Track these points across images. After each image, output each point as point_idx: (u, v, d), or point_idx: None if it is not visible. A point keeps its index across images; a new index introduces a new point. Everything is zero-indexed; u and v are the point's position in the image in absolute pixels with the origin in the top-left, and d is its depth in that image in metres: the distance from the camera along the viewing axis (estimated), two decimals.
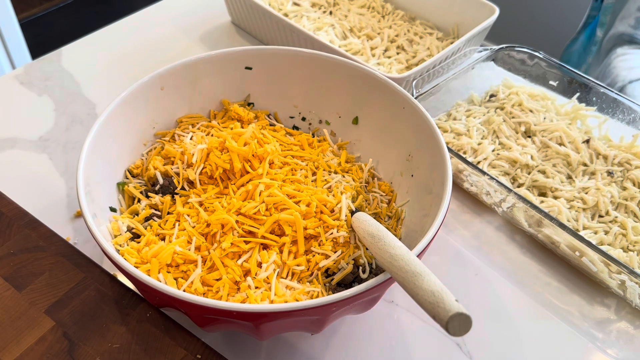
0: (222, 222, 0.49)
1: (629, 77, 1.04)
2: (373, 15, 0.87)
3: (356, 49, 0.80)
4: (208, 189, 0.54)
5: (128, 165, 0.57)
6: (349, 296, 0.41)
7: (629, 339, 0.56)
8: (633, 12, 1.11)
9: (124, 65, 0.82)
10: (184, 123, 0.61)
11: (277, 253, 0.49)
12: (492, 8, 0.80)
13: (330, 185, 0.55)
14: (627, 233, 0.60)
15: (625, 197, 0.64)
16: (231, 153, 0.54)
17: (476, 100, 0.75)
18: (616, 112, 0.71)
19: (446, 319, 0.35)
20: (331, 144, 0.62)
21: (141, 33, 0.88)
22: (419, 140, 0.56)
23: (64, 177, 0.66)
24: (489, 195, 0.63)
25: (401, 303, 0.57)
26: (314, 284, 0.48)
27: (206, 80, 0.61)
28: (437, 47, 0.81)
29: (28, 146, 0.69)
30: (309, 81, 0.62)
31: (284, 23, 0.77)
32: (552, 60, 0.75)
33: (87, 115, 0.74)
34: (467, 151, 0.67)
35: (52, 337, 0.51)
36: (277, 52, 0.61)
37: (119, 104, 0.54)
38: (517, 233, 0.64)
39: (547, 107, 0.72)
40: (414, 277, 0.39)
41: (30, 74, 0.79)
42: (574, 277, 0.60)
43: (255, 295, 0.45)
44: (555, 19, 1.74)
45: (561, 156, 0.67)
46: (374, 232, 0.46)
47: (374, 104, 0.60)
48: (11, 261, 0.57)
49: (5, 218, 0.61)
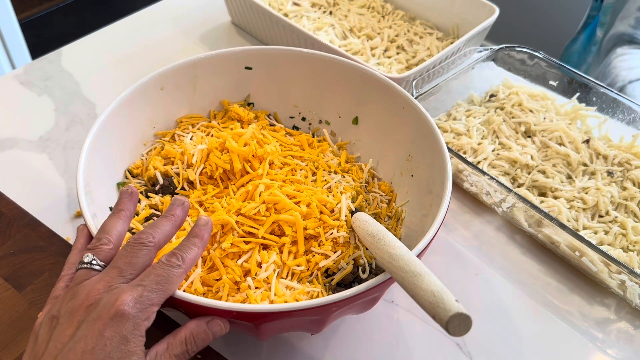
0: (222, 222, 0.49)
1: (629, 77, 1.04)
2: (373, 15, 0.87)
3: (356, 49, 0.80)
4: (208, 189, 0.54)
5: (128, 165, 0.57)
6: (349, 296, 0.41)
7: (629, 339, 0.56)
8: (633, 12, 1.11)
9: (124, 65, 0.82)
10: (184, 123, 0.61)
11: (277, 253, 0.49)
12: (492, 8, 0.80)
13: (330, 185, 0.55)
14: (627, 233, 0.60)
15: (625, 197, 0.64)
16: (231, 153, 0.54)
17: (476, 100, 0.75)
18: (616, 112, 0.71)
19: (446, 319, 0.35)
20: (331, 144, 0.62)
21: (141, 33, 0.88)
22: (419, 140, 0.56)
23: (64, 177, 0.66)
24: (489, 195, 0.63)
25: (401, 303, 0.57)
26: (314, 284, 0.48)
27: (206, 80, 0.61)
28: (437, 47, 0.81)
29: (28, 146, 0.69)
30: (309, 81, 0.62)
31: (284, 23, 0.77)
32: (552, 60, 0.75)
33: (87, 115, 0.74)
34: (467, 151, 0.67)
35: None
36: (277, 52, 0.61)
37: (119, 104, 0.54)
38: (517, 233, 0.64)
39: (547, 107, 0.72)
40: (414, 277, 0.39)
41: (30, 74, 0.79)
42: (574, 277, 0.60)
43: (255, 295, 0.45)
44: (555, 19, 1.74)
45: (561, 156, 0.67)
46: (374, 232, 0.46)
47: (374, 104, 0.60)
48: (11, 261, 0.57)
49: (5, 218, 0.61)
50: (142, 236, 0.41)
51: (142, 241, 0.41)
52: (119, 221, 0.43)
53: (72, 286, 0.40)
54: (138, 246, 0.40)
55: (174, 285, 0.40)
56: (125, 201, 0.45)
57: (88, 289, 0.38)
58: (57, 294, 0.41)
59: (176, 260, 0.40)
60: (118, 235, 0.43)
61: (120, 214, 0.44)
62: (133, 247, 0.40)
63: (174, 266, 0.40)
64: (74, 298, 0.38)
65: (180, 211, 0.44)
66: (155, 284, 0.38)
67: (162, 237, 0.42)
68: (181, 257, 0.41)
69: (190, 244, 0.42)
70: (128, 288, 0.38)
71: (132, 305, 0.37)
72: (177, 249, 0.41)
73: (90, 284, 0.39)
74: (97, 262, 0.41)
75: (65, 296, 0.39)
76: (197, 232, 0.43)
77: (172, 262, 0.40)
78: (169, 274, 0.39)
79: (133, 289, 0.38)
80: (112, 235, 0.42)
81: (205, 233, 0.43)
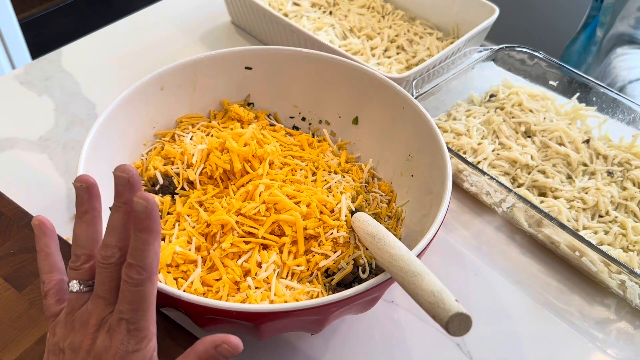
0: (222, 222, 0.49)
1: (629, 77, 1.04)
2: (373, 15, 0.87)
3: (356, 49, 0.80)
4: (208, 189, 0.54)
5: None
6: (349, 296, 0.41)
7: (629, 339, 0.56)
8: (633, 12, 1.11)
9: (124, 65, 0.82)
10: (184, 123, 0.61)
11: (277, 253, 0.49)
12: (492, 8, 0.80)
13: (330, 185, 0.55)
14: (627, 233, 0.60)
15: (625, 197, 0.64)
16: (231, 153, 0.54)
17: (476, 100, 0.75)
18: (616, 112, 0.71)
19: (446, 319, 0.35)
20: (331, 144, 0.62)
21: (141, 33, 0.88)
22: (418, 140, 0.56)
23: (64, 177, 0.66)
24: (489, 195, 0.63)
25: (401, 303, 0.57)
26: (313, 284, 0.48)
27: (206, 80, 0.61)
28: (437, 47, 0.81)
29: (28, 146, 0.69)
30: (309, 81, 0.62)
31: (284, 23, 0.77)
32: (552, 60, 0.75)
33: (87, 115, 0.74)
34: (467, 151, 0.67)
35: None
36: (277, 52, 0.61)
37: (119, 104, 0.54)
38: (517, 233, 0.64)
39: (547, 107, 0.72)
40: (414, 277, 0.39)
41: (30, 74, 0.79)
42: (574, 277, 0.60)
43: (255, 295, 0.45)
44: (555, 19, 1.74)
45: (561, 156, 0.67)
46: (374, 232, 0.46)
47: (374, 104, 0.60)
48: (11, 261, 0.57)
49: (5, 218, 0.61)
50: (108, 254, 0.38)
51: (110, 261, 0.38)
52: (88, 227, 0.40)
53: (70, 313, 0.39)
54: (109, 268, 0.38)
55: (150, 301, 0.37)
56: (85, 200, 0.40)
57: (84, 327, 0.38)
58: (54, 312, 0.40)
59: (137, 275, 0.36)
60: (92, 243, 0.40)
61: (85, 218, 0.40)
62: (105, 270, 0.38)
63: (138, 283, 0.36)
64: (73, 331, 0.38)
65: (129, 192, 0.38)
66: (133, 312, 0.36)
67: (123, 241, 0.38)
68: (140, 268, 0.36)
69: (140, 244, 0.36)
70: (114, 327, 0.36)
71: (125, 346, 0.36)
72: (131, 256, 0.36)
73: (84, 317, 0.38)
74: (85, 284, 0.39)
75: (66, 325, 0.39)
76: (142, 225, 0.36)
77: (133, 279, 0.36)
78: (139, 295, 0.36)
79: (119, 328, 0.36)
80: (87, 246, 0.40)
81: (150, 222, 0.36)
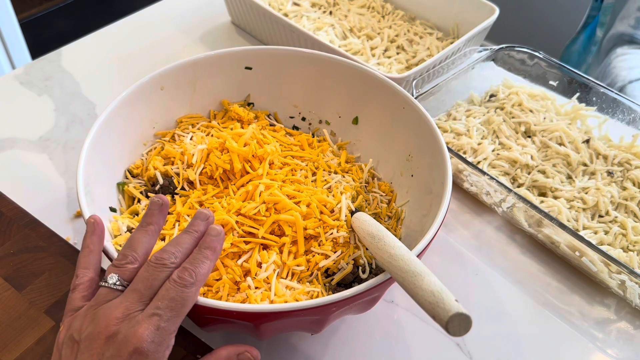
0: (222, 222, 0.49)
1: (629, 77, 1.04)
2: (373, 15, 0.87)
3: (356, 49, 0.80)
4: (208, 189, 0.54)
5: (128, 165, 0.57)
6: (349, 296, 0.41)
7: (629, 339, 0.56)
8: (633, 12, 1.11)
9: (124, 65, 0.82)
10: (184, 123, 0.61)
11: (277, 253, 0.49)
12: (492, 8, 0.80)
13: (330, 185, 0.55)
14: (627, 233, 0.60)
15: (625, 197, 0.64)
16: (231, 153, 0.54)
17: (476, 100, 0.75)
18: (616, 112, 0.71)
19: (446, 319, 0.35)
20: (331, 144, 0.62)
21: (141, 33, 0.88)
22: (419, 140, 0.56)
23: (64, 177, 0.66)
24: (489, 195, 0.63)
25: (401, 303, 0.57)
26: (314, 284, 0.48)
27: (206, 80, 0.61)
28: (437, 47, 0.81)
29: (28, 146, 0.69)
30: (309, 81, 0.62)
31: (284, 23, 0.77)
32: (552, 60, 0.75)
33: (87, 115, 0.74)
34: (467, 151, 0.67)
35: (52, 337, 0.51)
36: (277, 52, 0.61)
37: (119, 104, 0.54)
38: (517, 233, 0.64)
39: (547, 107, 0.72)
40: (414, 277, 0.39)
41: (30, 74, 0.79)
42: (574, 277, 0.60)
43: (255, 295, 0.45)
44: (555, 19, 1.74)
45: (561, 156, 0.67)
46: (373, 232, 0.46)
47: (374, 104, 0.60)
48: (11, 261, 0.57)
49: (5, 218, 0.61)
50: (165, 256, 0.39)
51: (164, 262, 0.39)
52: (147, 236, 0.42)
53: (94, 305, 0.38)
54: (160, 268, 0.39)
55: (188, 307, 0.38)
56: (155, 213, 0.43)
57: (107, 316, 0.37)
58: (75, 306, 0.40)
59: (189, 278, 0.38)
60: (145, 252, 0.41)
61: (149, 229, 0.42)
62: (155, 269, 0.39)
63: (187, 285, 0.38)
64: (93, 322, 0.37)
65: (204, 227, 0.42)
66: (170, 310, 0.37)
67: (184, 256, 0.40)
68: (194, 273, 0.38)
69: (202, 257, 0.40)
70: (144, 320, 0.36)
71: (151, 341, 0.36)
72: (188, 263, 0.39)
73: (110, 309, 0.37)
74: (121, 283, 0.39)
75: (86, 317, 0.38)
76: (209, 242, 0.41)
77: (185, 280, 0.38)
78: (183, 296, 0.38)
79: (149, 321, 0.36)
80: (139, 251, 0.41)
81: (217, 244, 0.41)
